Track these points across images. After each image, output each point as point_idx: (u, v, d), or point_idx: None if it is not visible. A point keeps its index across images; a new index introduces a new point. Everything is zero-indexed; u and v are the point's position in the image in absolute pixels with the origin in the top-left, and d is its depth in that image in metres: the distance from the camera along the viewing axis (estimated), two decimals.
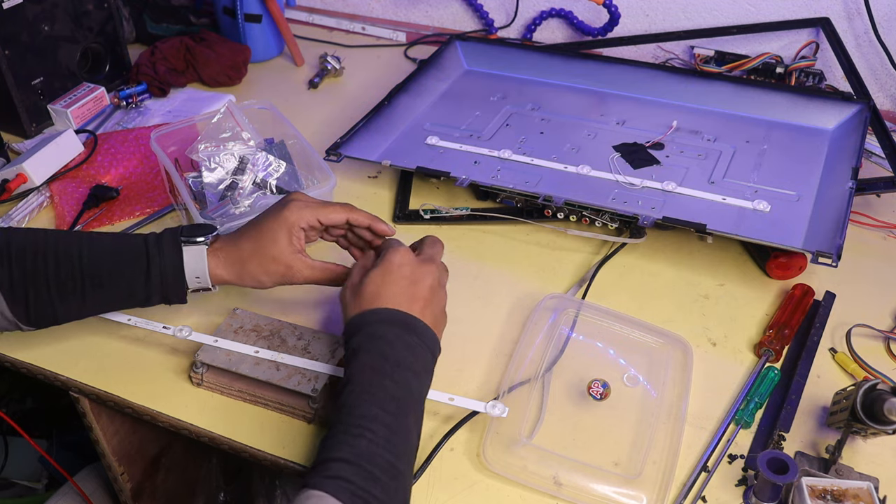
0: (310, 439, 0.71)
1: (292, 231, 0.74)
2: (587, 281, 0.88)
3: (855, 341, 0.81)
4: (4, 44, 1.06)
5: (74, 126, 1.14)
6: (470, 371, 0.78)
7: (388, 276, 0.70)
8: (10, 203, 1.00)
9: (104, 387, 0.77)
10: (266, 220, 0.75)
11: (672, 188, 0.95)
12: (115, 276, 0.73)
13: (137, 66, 1.24)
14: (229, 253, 0.75)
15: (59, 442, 1.32)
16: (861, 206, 0.99)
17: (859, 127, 1.02)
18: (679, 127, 1.08)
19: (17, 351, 0.80)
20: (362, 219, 0.78)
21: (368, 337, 0.67)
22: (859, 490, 0.62)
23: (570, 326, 0.82)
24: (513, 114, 1.12)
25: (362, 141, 1.04)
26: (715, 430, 0.72)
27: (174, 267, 0.73)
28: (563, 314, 0.83)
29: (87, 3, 1.17)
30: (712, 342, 0.82)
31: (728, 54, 1.22)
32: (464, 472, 0.69)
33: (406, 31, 1.43)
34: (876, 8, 1.13)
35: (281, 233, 0.74)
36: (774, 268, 0.88)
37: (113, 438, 0.88)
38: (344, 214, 0.77)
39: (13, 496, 1.30)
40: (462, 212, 0.97)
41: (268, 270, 0.75)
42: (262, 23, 1.32)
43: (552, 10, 1.33)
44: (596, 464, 0.69)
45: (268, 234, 0.74)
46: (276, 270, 0.75)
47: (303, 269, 0.75)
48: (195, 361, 0.75)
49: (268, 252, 0.74)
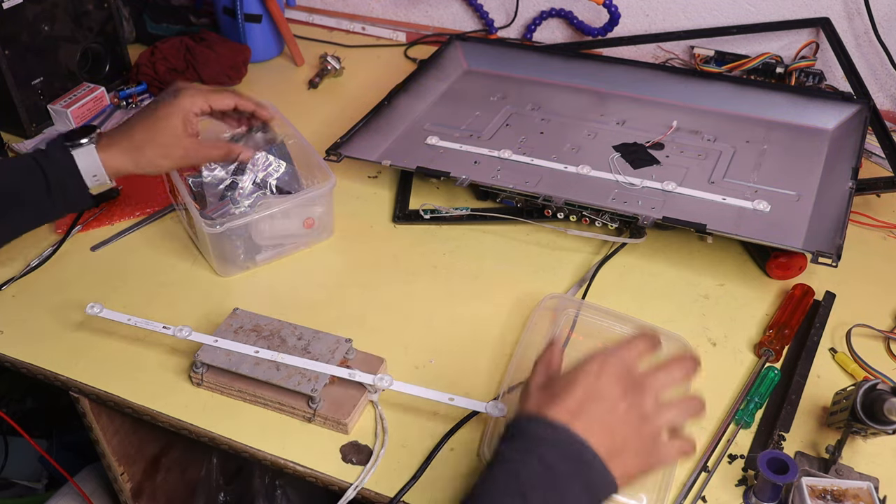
0: (310, 439, 0.71)
1: (188, 117, 0.81)
2: (587, 281, 0.88)
3: (855, 341, 0.81)
4: (4, 44, 1.06)
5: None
6: (470, 371, 0.78)
7: (591, 389, 0.55)
8: None
9: (104, 387, 0.77)
10: (159, 108, 0.81)
11: (672, 188, 0.95)
12: (16, 197, 0.76)
13: (137, 66, 1.23)
14: (122, 144, 0.80)
15: (59, 442, 1.32)
16: (861, 206, 0.99)
17: (859, 127, 1.02)
18: (679, 127, 1.07)
19: (17, 351, 0.80)
20: (248, 105, 0.86)
21: (532, 455, 0.52)
22: (859, 490, 0.62)
23: (570, 326, 0.82)
24: (513, 114, 1.12)
25: (362, 141, 1.04)
26: (715, 430, 0.72)
27: (69, 171, 0.77)
28: (563, 314, 0.83)
29: (87, 3, 1.17)
30: (712, 342, 0.82)
31: (728, 54, 1.22)
32: (464, 472, 0.68)
33: (406, 31, 1.43)
34: (876, 8, 1.13)
35: (177, 119, 0.80)
36: (774, 268, 0.88)
37: (113, 438, 0.88)
38: (232, 100, 0.85)
39: (13, 496, 1.30)
40: (462, 212, 0.97)
41: (167, 154, 0.81)
42: (262, 23, 1.32)
43: (552, 10, 1.33)
44: None
45: (163, 121, 0.80)
46: (174, 154, 0.81)
47: (198, 150, 0.82)
48: (195, 361, 0.75)
49: (165, 138, 0.80)
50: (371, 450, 0.70)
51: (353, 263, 0.91)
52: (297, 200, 0.88)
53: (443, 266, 0.91)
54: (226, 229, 0.83)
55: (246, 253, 0.89)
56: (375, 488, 0.67)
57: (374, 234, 0.96)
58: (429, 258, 0.92)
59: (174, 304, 0.86)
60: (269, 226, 0.88)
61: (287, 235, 0.91)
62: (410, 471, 0.68)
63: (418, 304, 0.86)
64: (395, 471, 0.68)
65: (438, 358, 0.79)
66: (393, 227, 0.97)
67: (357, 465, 0.69)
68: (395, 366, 0.78)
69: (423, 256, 0.92)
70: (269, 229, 0.88)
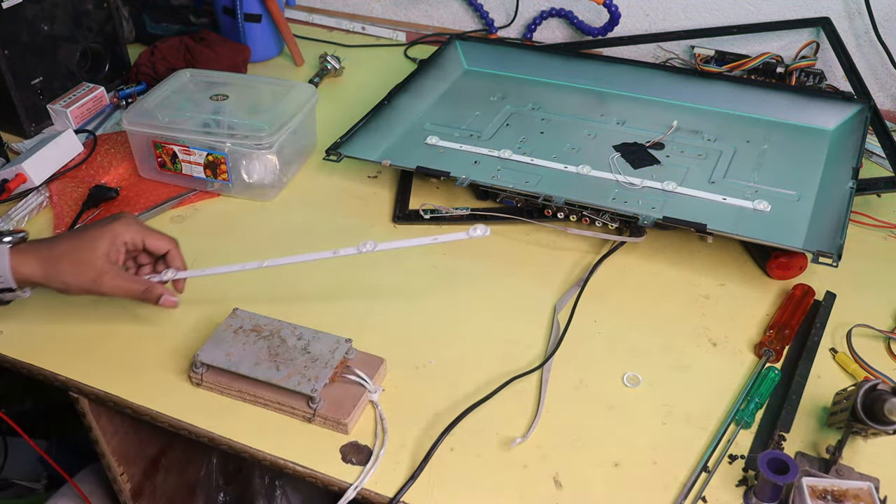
0: (310, 439, 0.71)
1: (114, 242, 0.76)
2: (587, 280, 0.88)
3: (855, 341, 0.81)
4: (4, 44, 1.06)
5: (74, 126, 1.14)
6: (469, 370, 0.78)
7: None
8: (10, 203, 1.00)
9: (104, 387, 0.77)
10: (92, 227, 0.76)
11: (672, 188, 0.95)
12: None
13: (137, 65, 1.23)
14: (40, 251, 0.75)
15: (58, 442, 1.32)
16: (861, 206, 0.99)
17: (860, 127, 1.02)
18: (679, 127, 1.07)
19: (17, 351, 0.80)
20: (178, 262, 0.80)
21: None
22: (860, 490, 0.62)
23: (569, 326, 0.81)
24: (513, 114, 1.12)
25: (362, 141, 1.04)
26: (715, 430, 0.72)
27: None
28: (562, 313, 0.83)
29: (86, 2, 1.16)
30: (712, 342, 0.82)
31: (728, 54, 1.22)
32: (464, 472, 0.68)
33: (406, 31, 1.43)
34: (876, 8, 1.13)
35: (103, 241, 0.75)
36: (775, 268, 0.88)
37: (113, 438, 0.88)
38: (168, 246, 0.79)
39: (13, 496, 1.30)
40: (462, 212, 0.97)
41: (77, 273, 0.74)
42: (262, 23, 1.32)
43: (552, 10, 1.33)
44: (596, 464, 0.69)
45: (88, 239, 0.75)
46: (85, 274, 0.74)
47: (112, 279, 0.75)
48: (195, 361, 0.75)
49: (83, 255, 0.74)
50: (371, 450, 0.70)
51: (353, 263, 0.91)
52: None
53: (443, 266, 0.91)
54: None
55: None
56: (375, 488, 0.67)
57: (374, 234, 0.96)
58: (429, 258, 0.92)
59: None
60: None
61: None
62: (410, 471, 0.68)
63: (418, 304, 0.86)
64: (395, 471, 0.68)
65: (438, 358, 0.79)
66: (393, 227, 0.97)
67: (357, 465, 0.69)
68: (395, 366, 0.78)
69: (423, 256, 0.92)
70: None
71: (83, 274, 0.74)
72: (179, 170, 1.00)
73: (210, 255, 0.92)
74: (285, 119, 0.99)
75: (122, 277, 0.76)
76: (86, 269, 0.74)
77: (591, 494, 0.67)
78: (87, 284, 0.75)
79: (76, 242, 0.75)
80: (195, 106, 1.03)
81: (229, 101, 1.03)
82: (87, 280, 0.74)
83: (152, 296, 0.77)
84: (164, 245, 0.79)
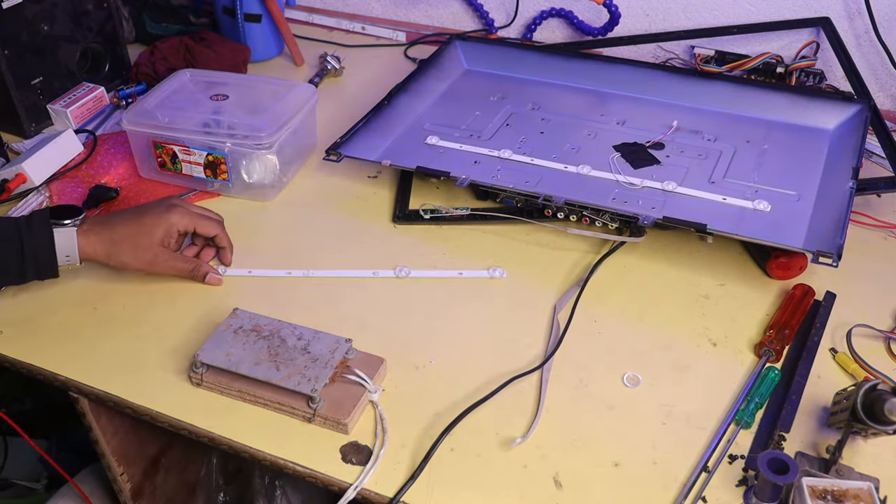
0: (310, 439, 0.71)
1: (169, 231, 0.85)
2: (587, 280, 0.88)
3: (855, 341, 0.81)
4: (4, 44, 1.06)
5: (74, 126, 1.14)
6: (469, 370, 0.78)
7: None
8: (10, 203, 1.00)
9: (104, 387, 0.77)
10: (149, 213, 0.85)
11: (672, 188, 0.95)
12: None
13: (137, 65, 1.23)
14: (102, 234, 0.83)
15: (58, 442, 1.32)
16: (861, 206, 0.99)
17: (860, 127, 1.02)
18: (679, 127, 1.07)
19: (17, 351, 0.80)
20: (224, 241, 0.90)
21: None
22: (860, 490, 0.62)
23: (569, 326, 0.81)
24: (513, 114, 1.12)
25: (362, 141, 1.04)
26: (715, 430, 0.72)
27: (45, 246, 0.80)
28: (562, 313, 0.83)
29: (86, 2, 1.16)
30: (712, 342, 0.82)
31: (728, 54, 1.22)
32: (464, 472, 0.68)
33: (406, 30, 1.43)
34: (876, 7, 1.13)
35: (159, 228, 0.84)
36: (775, 268, 0.88)
37: (113, 438, 0.88)
38: (216, 229, 0.89)
39: (13, 496, 1.30)
40: (462, 212, 0.97)
41: (136, 256, 0.84)
42: (262, 23, 1.32)
43: (552, 10, 1.33)
44: (596, 464, 0.69)
45: (147, 226, 0.84)
46: (143, 258, 0.84)
47: (166, 261, 0.85)
48: (195, 361, 0.75)
49: (141, 240, 0.83)
50: (371, 450, 0.70)
51: (352, 263, 0.91)
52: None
53: (443, 266, 0.91)
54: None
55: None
56: (375, 488, 0.67)
57: (374, 234, 0.96)
58: (429, 258, 0.92)
59: (174, 302, 0.86)
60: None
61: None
62: (410, 471, 0.68)
63: (418, 304, 0.86)
64: (395, 471, 0.68)
65: (438, 358, 0.79)
66: (393, 227, 0.97)
67: (357, 465, 0.69)
68: (395, 366, 0.78)
69: (423, 256, 0.92)
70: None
71: (141, 257, 0.84)
72: (179, 170, 1.00)
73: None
74: (285, 119, 0.99)
75: (174, 259, 0.86)
76: (144, 252, 0.84)
77: (591, 494, 0.67)
78: (143, 266, 0.85)
79: (135, 227, 0.84)
80: (195, 106, 1.03)
81: (229, 101, 1.03)
82: (145, 262, 0.85)
83: (199, 273, 0.87)
84: (212, 229, 0.88)
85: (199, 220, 0.87)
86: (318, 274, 0.90)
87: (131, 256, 0.84)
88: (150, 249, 0.84)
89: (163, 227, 0.84)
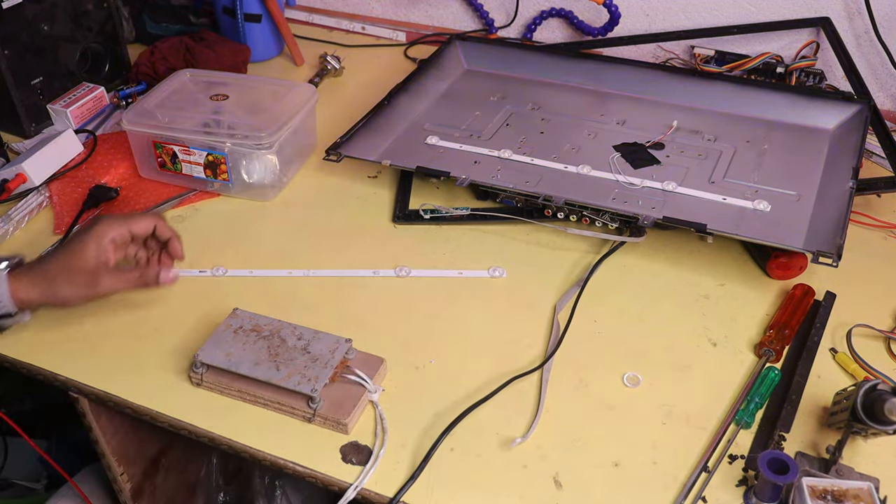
0: (310, 439, 0.71)
1: (100, 243, 0.76)
2: (587, 280, 0.88)
3: (855, 341, 0.81)
4: (4, 44, 1.06)
5: (74, 126, 1.14)
6: (469, 370, 0.78)
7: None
8: (10, 203, 1.00)
9: (104, 387, 0.77)
10: (75, 237, 0.77)
11: (672, 188, 0.95)
12: None
13: (137, 65, 1.23)
14: (33, 274, 0.76)
15: (58, 442, 1.32)
16: (861, 206, 0.99)
17: (860, 127, 1.02)
18: (679, 127, 1.07)
19: (17, 351, 0.80)
20: (166, 231, 0.81)
21: None
22: (860, 490, 0.62)
23: (569, 326, 0.82)
24: (513, 114, 1.12)
25: (362, 141, 1.04)
26: (715, 430, 0.72)
27: None
28: (562, 313, 0.83)
29: (86, 2, 1.16)
30: (712, 342, 0.82)
31: (728, 54, 1.22)
32: (464, 472, 0.68)
33: (406, 30, 1.43)
34: (876, 7, 1.13)
35: (89, 245, 0.76)
36: (775, 268, 0.88)
37: (113, 438, 0.88)
38: (152, 222, 0.80)
39: (13, 496, 1.30)
40: (462, 212, 0.97)
41: (73, 283, 0.75)
42: (262, 23, 1.32)
43: (552, 10, 1.33)
44: (596, 464, 0.69)
45: (75, 249, 0.76)
46: (80, 282, 0.75)
47: (107, 278, 0.76)
48: (195, 361, 0.75)
49: (74, 265, 0.75)
50: (371, 450, 0.70)
51: (352, 263, 0.91)
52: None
53: (443, 266, 0.91)
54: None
55: None
56: (375, 488, 0.67)
57: (374, 234, 0.96)
58: (429, 258, 0.92)
59: (174, 302, 0.86)
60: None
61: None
62: (410, 471, 0.68)
63: (418, 304, 0.86)
64: (395, 471, 0.68)
65: (438, 358, 0.79)
66: (393, 227, 0.97)
67: (357, 465, 0.69)
68: (395, 366, 0.78)
69: (423, 256, 0.92)
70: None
71: (78, 282, 0.75)
72: (179, 170, 1.00)
73: (210, 255, 0.92)
74: (285, 119, 0.99)
75: (115, 274, 0.77)
76: (80, 276, 0.75)
77: (591, 494, 0.67)
78: (84, 291, 0.76)
79: (65, 255, 0.76)
80: (195, 106, 1.03)
81: (229, 101, 1.03)
82: (84, 287, 0.76)
83: (150, 278, 0.78)
84: (147, 224, 0.80)
85: (130, 221, 0.79)
86: (318, 274, 0.90)
87: (69, 286, 0.75)
88: (86, 272, 0.75)
89: (92, 242, 0.76)
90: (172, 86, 1.06)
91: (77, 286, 0.76)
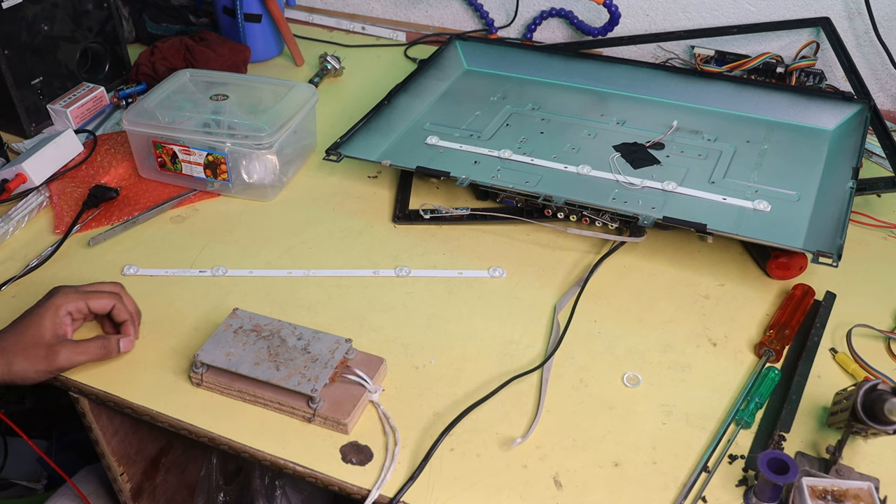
0: (310, 439, 0.71)
1: (56, 315, 0.74)
2: (587, 280, 0.88)
3: (855, 341, 0.81)
4: (4, 44, 1.06)
5: (74, 126, 1.14)
6: (469, 370, 0.78)
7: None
8: (10, 203, 1.00)
9: (104, 387, 0.77)
10: (31, 311, 0.75)
11: (672, 188, 0.95)
12: None
13: (137, 65, 1.23)
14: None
15: (58, 442, 1.32)
16: (861, 206, 0.99)
17: (860, 127, 1.02)
18: (679, 127, 1.07)
19: None
20: (122, 314, 0.78)
21: None
22: (860, 490, 0.62)
23: (569, 326, 0.81)
24: (513, 114, 1.12)
25: (362, 141, 1.04)
26: (715, 430, 0.72)
27: None
28: (562, 313, 0.83)
29: (86, 3, 1.16)
30: (712, 342, 0.82)
31: (728, 54, 1.22)
32: (464, 472, 0.68)
33: (406, 31, 1.43)
34: (876, 8, 1.13)
35: (45, 318, 0.74)
36: (775, 268, 0.88)
37: (113, 438, 0.88)
38: (111, 302, 0.77)
39: (13, 496, 1.30)
40: (462, 212, 0.97)
41: (30, 358, 0.72)
42: (262, 23, 1.32)
43: (552, 10, 1.33)
44: (596, 464, 0.69)
45: (32, 321, 0.74)
46: (38, 357, 0.73)
47: (65, 351, 0.73)
48: (195, 361, 0.75)
49: (30, 340, 0.73)
50: (371, 450, 0.70)
51: (352, 263, 0.91)
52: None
53: (443, 266, 0.91)
54: None
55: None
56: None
57: (374, 234, 0.96)
58: (429, 258, 0.92)
59: (174, 303, 0.86)
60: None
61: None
62: (410, 471, 0.68)
63: (418, 304, 0.86)
64: (395, 471, 0.68)
65: (438, 358, 0.79)
66: (393, 227, 0.97)
67: (357, 465, 0.69)
68: (395, 366, 0.78)
69: (423, 256, 0.92)
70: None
71: (35, 357, 0.73)
72: (179, 170, 1.00)
73: (210, 256, 0.92)
74: (285, 119, 0.99)
75: (74, 346, 0.74)
76: (36, 351, 0.73)
77: (591, 494, 0.67)
78: (43, 366, 0.73)
79: (21, 327, 0.74)
80: (195, 106, 1.03)
81: (229, 101, 1.03)
82: (42, 361, 0.73)
83: (111, 348, 0.77)
84: (106, 303, 0.77)
85: (89, 297, 0.76)
86: (318, 274, 0.90)
87: (26, 360, 0.72)
88: (42, 346, 0.73)
89: (49, 314, 0.74)
90: (172, 86, 1.06)
91: (34, 361, 0.73)
